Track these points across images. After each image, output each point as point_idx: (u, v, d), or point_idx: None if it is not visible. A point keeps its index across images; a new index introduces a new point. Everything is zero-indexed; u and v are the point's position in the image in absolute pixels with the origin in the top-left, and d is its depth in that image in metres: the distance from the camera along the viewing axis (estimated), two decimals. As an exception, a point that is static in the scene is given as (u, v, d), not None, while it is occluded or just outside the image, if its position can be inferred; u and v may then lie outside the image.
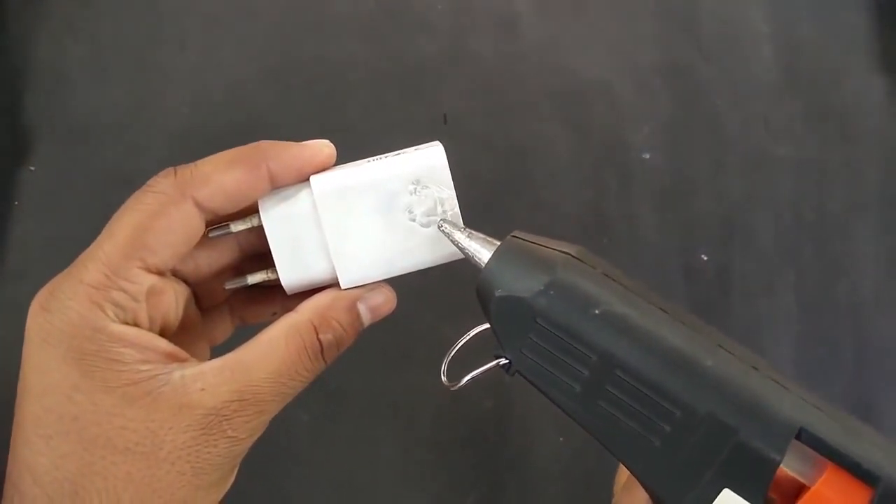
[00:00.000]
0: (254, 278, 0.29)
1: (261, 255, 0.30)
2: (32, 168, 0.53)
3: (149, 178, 0.28)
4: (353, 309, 0.28)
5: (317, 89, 0.55)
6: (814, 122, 0.56)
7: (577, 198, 0.54)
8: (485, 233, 0.28)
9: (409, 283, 0.55)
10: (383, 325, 0.52)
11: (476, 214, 0.54)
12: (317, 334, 0.27)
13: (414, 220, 0.28)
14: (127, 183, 0.28)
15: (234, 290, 0.31)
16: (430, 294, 0.52)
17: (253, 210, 0.28)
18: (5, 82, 0.54)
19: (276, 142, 0.28)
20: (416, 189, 0.28)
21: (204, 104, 0.53)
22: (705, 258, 0.54)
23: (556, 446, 0.51)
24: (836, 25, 0.58)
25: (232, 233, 0.29)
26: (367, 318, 0.29)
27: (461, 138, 0.54)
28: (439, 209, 0.28)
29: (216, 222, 0.28)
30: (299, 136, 0.55)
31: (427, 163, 0.28)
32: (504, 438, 0.51)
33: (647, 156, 0.55)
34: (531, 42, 0.56)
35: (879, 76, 0.57)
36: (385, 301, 0.29)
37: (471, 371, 0.27)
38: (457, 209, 0.29)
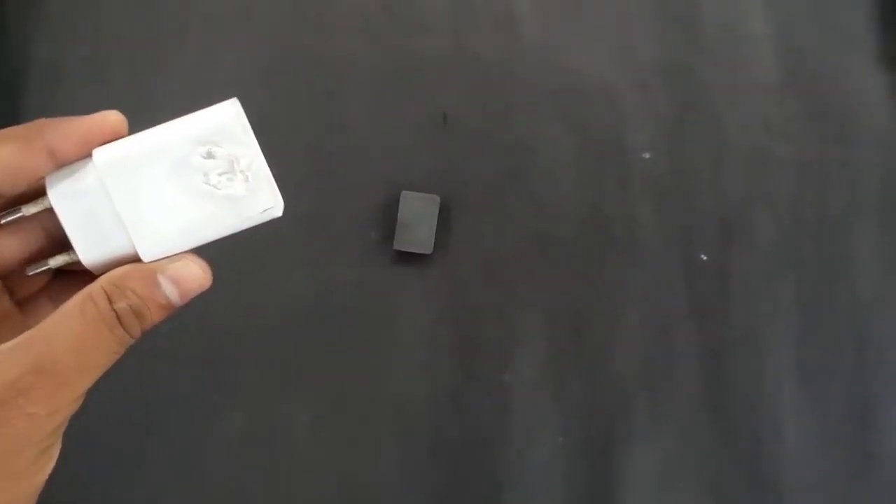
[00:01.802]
0: (55, 261, 0.28)
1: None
2: (32, 168, 0.52)
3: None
4: (149, 277, 0.26)
5: (317, 89, 0.55)
6: (814, 122, 0.56)
7: (577, 198, 0.54)
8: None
9: (409, 284, 0.55)
10: (383, 326, 0.52)
11: (475, 214, 0.54)
12: (111, 303, 0.25)
13: (209, 184, 0.26)
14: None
15: (54, 277, 0.30)
16: (429, 295, 0.52)
17: (45, 191, 0.27)
18: (5, 82, 0.54)
19: (57, 118, 0.27)
20: (208, 152, 0.26)
21: (204, 104, 0.53)
22: (705, 258, 0.54)
23: (556, 446, 0.51)
24: (836, 25, 0.58)
25: (26, 216, 0.27)
26: (172, 292, 0.26)
27: (461, 138, 0.54)
28: (235, 168, 0.26)
29: (5, 207, 0.27)
30: (298, 135, 0.55)
31: (214, 121, 0.26)
32: (504, 438, 0.51)
33: (647, 156, 0.55)
34: (531, 42, 0.56)
35: (879, 76, 0.57)
36: (190, 274, 0.27)
37: None
38: (259, 164, 0.26)
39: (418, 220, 0.52)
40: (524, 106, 0.55)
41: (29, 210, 0.27)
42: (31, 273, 0.28)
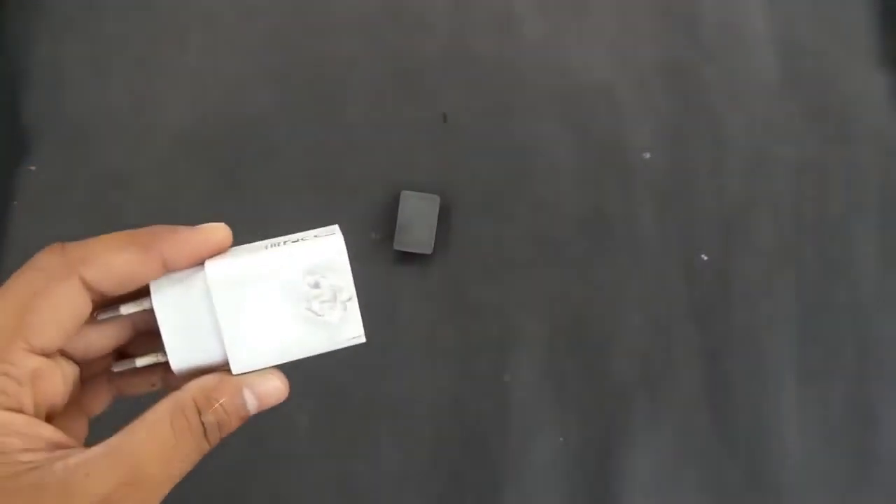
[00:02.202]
0: (142, 361, 0.29)
1: (152, 332, 0.29)
2: (32, 168, 0.52)
3: (148, 178, 0.28)
4: (238, 393, 0.27)
5: (317, 89, 0.55)
6: (814, 122, 0.56)
7: (577, 198, 0.54)
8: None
9: (409, 284, 0.55)
10: (382, 326, 0.52)
11: (476, 215, 0.54)
12: (200, 415, 0.26)
13: (310, 310, 0.28)
14: (127, 183, 0.28)
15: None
16: (429, 295, 0.52)
17: (143, 292, 0.28)
18: (5, 82, 0.54)
19: (170, 226, 0.27)
20: (315, 281, 0.28)
21: (204, 104, 0.53)
22: (705, 258, 0.54)
23: (556, 446, 0.51)
24: (836, 25, 0.58)
25: (122, 316, 0.28)
26: (253, 406, 0.28)
27: (461, 138, 0.54)
28: (337, 298, 0.28)
29: (104, 303, 0.28)
30: (298, 135, 0.55)
31: (324, 253, 0.28)
32: (504, 438, 0.51)
33: (648, 155, 0.55)
34: (531, 42, 0.56)
35: (879, 76, 0.57)
36: (274, 390, 0.28)
37: None
38: (354, 296, 0.29)
39: (418, 219, 0.52)
40: (524, 106, 0.55)
41: (127, 310, 0.28)
42: (116, 370, 0.29)
